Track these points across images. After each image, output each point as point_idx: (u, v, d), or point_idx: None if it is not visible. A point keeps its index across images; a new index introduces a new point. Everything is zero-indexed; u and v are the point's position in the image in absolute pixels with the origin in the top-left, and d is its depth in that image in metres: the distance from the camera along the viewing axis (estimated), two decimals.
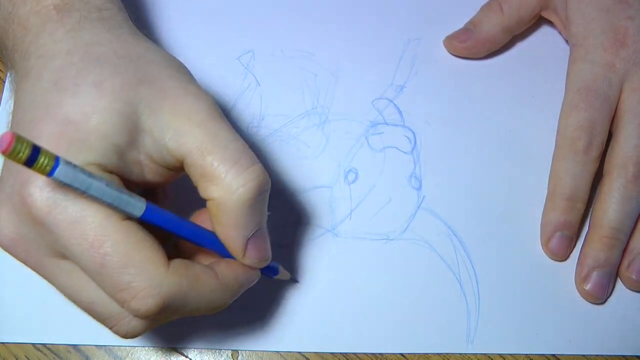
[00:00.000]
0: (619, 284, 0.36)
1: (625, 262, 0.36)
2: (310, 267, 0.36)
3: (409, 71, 0.40)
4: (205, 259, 0.29)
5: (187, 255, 0.30)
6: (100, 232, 0.23)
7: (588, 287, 0.35)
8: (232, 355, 0.34)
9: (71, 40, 0.26)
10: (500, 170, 0.38)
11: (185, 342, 0.34)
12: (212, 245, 0.28)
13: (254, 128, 0.38)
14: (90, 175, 0.23)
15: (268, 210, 0.28)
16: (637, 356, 0.35)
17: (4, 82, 0.39)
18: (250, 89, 0.40)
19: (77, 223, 0.23)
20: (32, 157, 0.21)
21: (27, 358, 0.34)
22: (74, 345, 0.34)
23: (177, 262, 0.25)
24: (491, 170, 0.38)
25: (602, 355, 0.35)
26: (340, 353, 0.34)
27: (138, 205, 0.25)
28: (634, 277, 0.35)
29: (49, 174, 0.21)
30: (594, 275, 0.35)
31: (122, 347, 0.34)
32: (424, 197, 0.38)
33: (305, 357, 0.34)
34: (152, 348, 0.34)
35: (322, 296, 0.35)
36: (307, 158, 0.38)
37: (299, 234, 0.36)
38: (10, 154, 0.20)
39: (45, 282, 0.35)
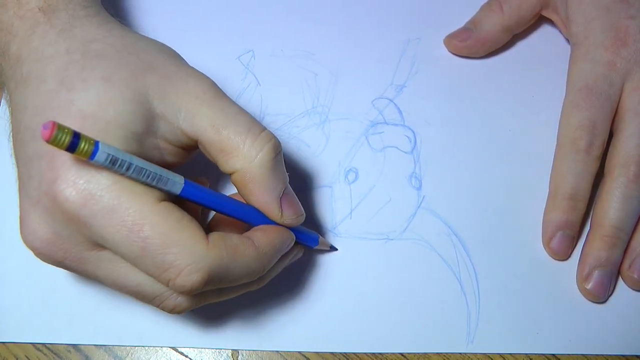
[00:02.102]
0: (620, 283, 0.36)
1: (627, 262, 0.36)
2: (311, 267, 0.36)
3: (409, 71, 0.40)
4: (238, 233, 0.30)
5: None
6: (139, 216, 0.24)
7: (589, 286, 0.35)
8: (232, 355, 0.34)
9: (67, 40, 0.27)
10: (501, 169, 0.38)
11: (185, 342, 0.34)
12: (247, 215, 0.29)
13: None
14: (129, 155, 0.24)
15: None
16: (637, 356, 0.35)
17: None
18: (250, 88, 0.40)
19: (114, 211, 0.24)
20: (74, 142, 0.22)
21: (27, 358, 0.34)
22: (74, 345, 0.34)
23: (215, 236, 0.26)
24: (491, 170, 0.38)
25: (602, 355, 0.35)
26: (340, 353, 0.34)
27: (177, 181, 0.25)
28: (635, 276, 0.35)
29: (91, 157, 0.22)
30: (595, 274, 0.35)
31: (122, 347, 0.34)
32: (424, 196, 0.37)
33: (305, 356, 0.34)
34: (152, 348, 0.34)
35: (322, 296, 0.35)
36: (307, 157, 0.38)
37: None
38: (53, 141, 0.21)
39: (45, 282, 0.35)
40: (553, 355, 0.35)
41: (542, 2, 0.40)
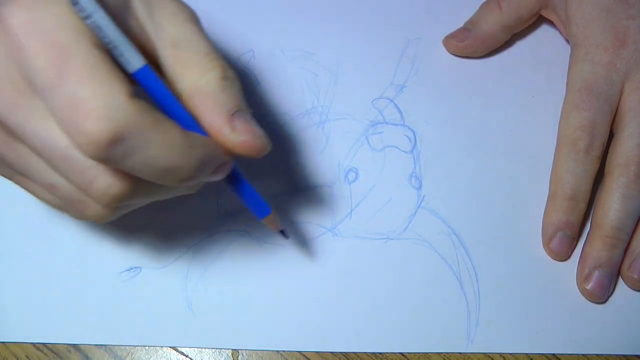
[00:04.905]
0: (620, 284, 0.36)
1: (627, 262, 0.36)
2: (310, 267, 0.36)
3: (409, 70, 0.40)
4: None
5: None
6: (71, 43, 0.22)
7: (589, 286, 0.35)
8: (232, 355, 0.34)
9: None
10: (501, 169, 0.38)
11: (185, 342, 0.34)
12: (195, 125, 0.26)
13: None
14: (102, 6, 0.23)
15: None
16: (637, 356, 0.35)
17: None
18: (250, 88, 0.40)
19: (47, 36, 0.22)
20: None
21: (27, 358, 0.34)
22: (74, 345, 0.34)
23: (142, 101, 0.24)
24: (491, 170, 0.38)
25: (602, 355, 0.35)
26: (341, 352, 0.34)
27: (137, 59, 0.25)
28: (635, 276, 0.35)
29: None
30: (595, 274, 0.35)
31: (122, 347, 0.34)
32: (424, 196, 0.37)
33: (305, 356, 0.34)
34: (152, 348, 0.34)
35: (322, 296, 0.35)
36: (307, 157, 0.38)
37: (299, 233, 0.36)
38: None
39: (44, 282, 0.35)
40: (553, 355, 0.35)
41: (541, 2, 0.40)
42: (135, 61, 0.24)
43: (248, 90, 0.39)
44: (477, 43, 0.40)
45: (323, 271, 0.36)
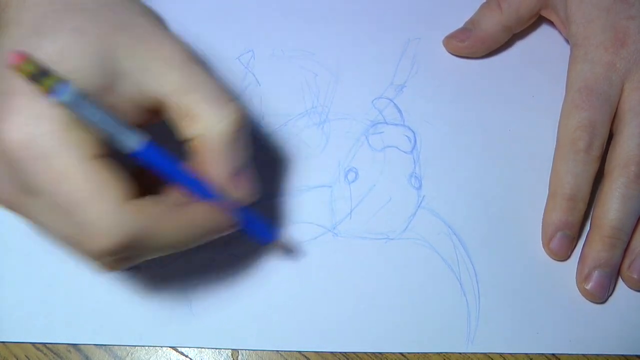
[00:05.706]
0: (620, 284, 0.36)
1: (627, 262, 0.36)
2: (310, 267, 0.36)
3: (409, 70, 0.40)
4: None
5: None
6: (64, 169, 0.24)
7: (589, 286, 0.35)
8: (232, 354, 0.34)
9: None
10: (501, 170, 0.38)
11: (185, 342, 0.34)
12: (199, 188, 0.27)
13: (254, 127, 0.38)
14: (92, 101, 0.24)
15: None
16: (637, 356, 0.35)
17: None
18: (250, 88, 0.40)
19: (45, 159, 0.24)
20: (38, 75, 0.22)
21: (27, 358, 0.34)
22: (74, 345, 0.34)
23: (145, 202, 0.25)
24: (491, 170, 0.38)
25: (602, 355, 0.35)
26: (340, 352, 0.34)
27: (133, 140, 0.25)
28: (635, 276, 0.35)
29: (53, 94, 0.23)
30: (595, 274, 0.35)
31: (122, 347, 0.34)
32: (424, 196, 0.37)
33: (305, 356, 0.34)
34: (152, 348, 0.34)
35: (322, 296, 0.35)
36: (307, 157, 0.38)
37: (299, 233, 0.36)
38: (18, 69, 0.22)
39: (44, 281, 0.35)
40: (553, 355, 0.35)
41: (541, 2, 0.40)
42: (131, 142, 0.25)
43: (248, 91, 0.39)
44: (477, 43, 0.40)
45: (323, 271, 0.36)
